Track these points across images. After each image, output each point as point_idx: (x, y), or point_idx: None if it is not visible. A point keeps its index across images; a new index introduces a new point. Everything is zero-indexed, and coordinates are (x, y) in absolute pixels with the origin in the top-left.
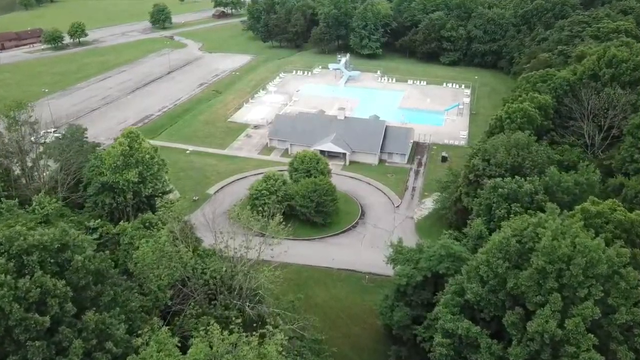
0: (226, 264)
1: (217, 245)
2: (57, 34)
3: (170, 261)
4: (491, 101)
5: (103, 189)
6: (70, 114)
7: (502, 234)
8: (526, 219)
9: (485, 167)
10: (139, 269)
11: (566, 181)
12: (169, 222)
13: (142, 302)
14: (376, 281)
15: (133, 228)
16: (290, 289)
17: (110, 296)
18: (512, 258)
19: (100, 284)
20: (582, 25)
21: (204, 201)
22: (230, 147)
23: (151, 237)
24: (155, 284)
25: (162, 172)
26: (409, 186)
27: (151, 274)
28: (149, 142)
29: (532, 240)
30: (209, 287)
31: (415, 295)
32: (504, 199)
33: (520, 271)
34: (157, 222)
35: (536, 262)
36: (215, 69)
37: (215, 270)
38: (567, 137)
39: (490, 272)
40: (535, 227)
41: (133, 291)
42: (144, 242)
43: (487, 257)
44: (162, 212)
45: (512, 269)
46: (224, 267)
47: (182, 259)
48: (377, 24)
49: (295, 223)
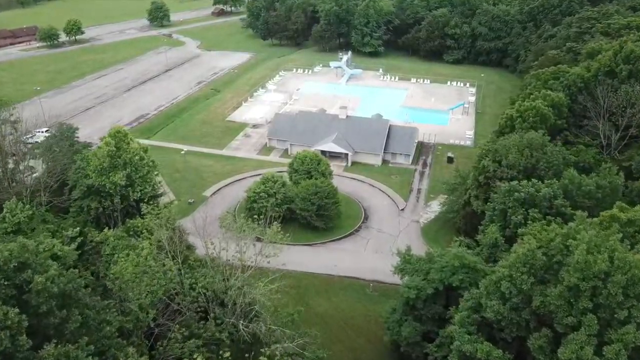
0: (218, 278)
1: (207, 257)
2: (52, 31)
3: (154, 278)
4: (497, 100)
5: (89, 192)
6: (64, 112)
7: (526, 246)
8: (553, 229)
9: (496, 168)
10: (117, 287)
11: (587, 184)
12: (155, 230)
13: (122, 323)
14: (381, 289)
15: (116, 237)
16: (290, 298)
17: (78, 322)
18: (538, 273)
19: (66, 309)
20: (591, 22)
21: (200, 204)
22: (228, 147)
23: (135, 248)
24: (136, 304)
25: (152, 174)
26: (413, 188)
27: (130, 293)
28: (139, 142)
29: (560, 253)
30: (198, 304)
31: (425, 309)
32: (520, 204)
33: (546, 287)
34: (143, 230)
35: (568, 278)
36: (214, 67)
37: (205, 286)
38: (581, 137)
39: (513, 288)
40: (565, 239)
41: (112, 311)
42: (123, 255)
43: (509, 272)
44: (148, 219)
45: (537, 284)
46: (216, 280)
47: (167, 275)
48: (379, 21)
49: (295, 227)
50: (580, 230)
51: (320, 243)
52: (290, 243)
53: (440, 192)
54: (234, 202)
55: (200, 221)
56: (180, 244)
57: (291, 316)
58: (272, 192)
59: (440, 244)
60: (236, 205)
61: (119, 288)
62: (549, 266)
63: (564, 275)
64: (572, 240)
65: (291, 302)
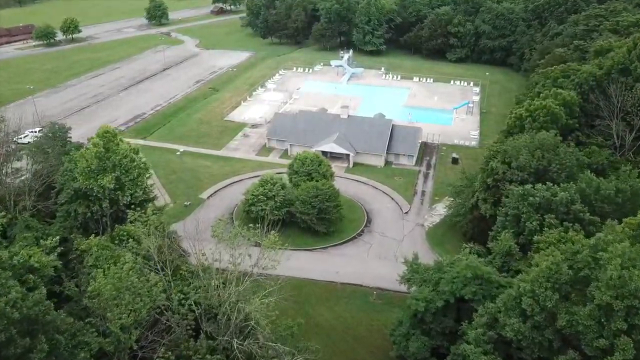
0: (210, 291)
1: (199, 267)
2: (49, 30)
3: (136, 295)
4: (502, 99)
5: (76, 196)
6: (59, 112)
7: (550, 259)
8: (579, 239)
9: (506, 170)
10: (94, 306)
11: (606, 188)
12: (143, 239)
13: (102, 345)
14: (385, 298)
15: (99, 247)
16: (289, 307)
17: (44, 351)
18: (563, 288)
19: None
20: (598, 19)
21: (196, 206)
22: (226, 148)
23: (119, 258)
24: (117, 325)
25: (143, 177)
26: (417, 190)
27: (109, 314)
28: (130, 142)
29: (588, 267)
30: (188, 321)
31: (435, 323)
32: (534, 209)
33: (571, 303)
34: (129, 240)
35: (599, 296)
36: (213, 66)
37: (197, 301)
38: (593, 138)
39: (535, 305)
40: (594, 251)
41: (90, 331)
42: (101, 271)
43: (532, 287)
44: (135, 227)
45: (562, 301)
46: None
47: (152, 291)
48: (380, 19)
49: (295, 231)
50: (610, 242)
51: (321, 248)
52: (290, 248)
53: (445, 195)
54: (231, 205)
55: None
56: (171, 253)
57: (290, 329)
58: (271, 194)
59: (447, 249)
60: (234, 208)
61: (97, 307)
62: (575, 281)
63: (594, 292)
64: (602, 252)
65: (291, 311)
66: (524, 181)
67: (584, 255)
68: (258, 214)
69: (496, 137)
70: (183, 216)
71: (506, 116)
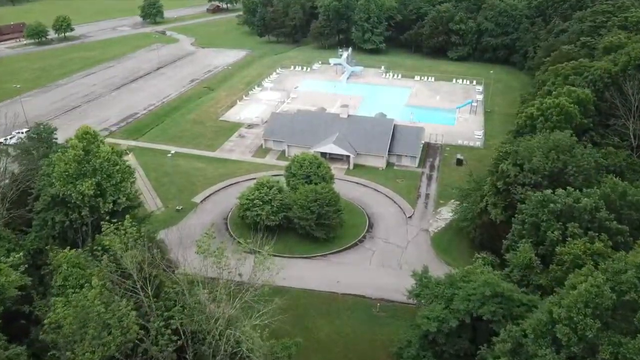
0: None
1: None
2: (40, 28)
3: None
4: (506, 98)
5: (53, 203)
6: (47, 112)
7: (590, 280)
8: (623, 257)
9: (518, 173)
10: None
11: (634, 194)
12: (121, 255)
13: None
14: (389, 310)
15: (70, 264)
16: (287, 321)
17: None
18: (604, 315)
19: None
20: (606, 15)
21: (189, 211)
22: (221, 149)
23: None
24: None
25: (127, 182)
26: (421, 193)
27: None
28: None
29: (634, 290)
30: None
31: (448, 345)
32: (555, 217)
33: (614, 333)
34: (103, 255)
35: None
36: (208, 65)
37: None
38: (608, 138)
39: (573, 334)
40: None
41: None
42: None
43: (568, 313)
44: (109, 240)
45: (603, 329)
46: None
47: (122, 323)
48: (380, 16)
49: (293, 238)
50: None
51: (320, 255)
52: (288, 256)
53: (450, 198)
54: (226, 210)
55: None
56: (154, 269)
57: (288, 350)
58: (267, 198)
59: (454, 257)
60: (228, 213)
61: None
62: (618, 306)
63: None
64: None
65: (288, 325)
66: (538, 184)
67: (629, 276)
68: (254, 219)
69: (502, 137)
70: (175, 222)
71: (511, 115)
